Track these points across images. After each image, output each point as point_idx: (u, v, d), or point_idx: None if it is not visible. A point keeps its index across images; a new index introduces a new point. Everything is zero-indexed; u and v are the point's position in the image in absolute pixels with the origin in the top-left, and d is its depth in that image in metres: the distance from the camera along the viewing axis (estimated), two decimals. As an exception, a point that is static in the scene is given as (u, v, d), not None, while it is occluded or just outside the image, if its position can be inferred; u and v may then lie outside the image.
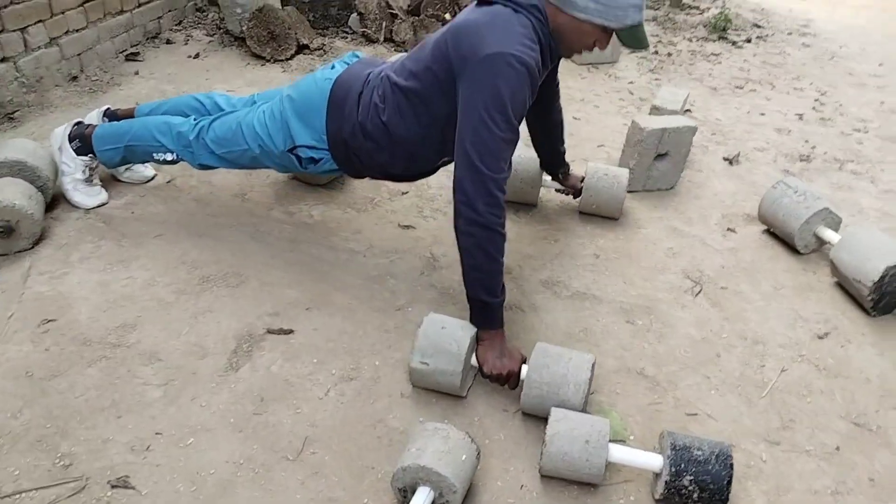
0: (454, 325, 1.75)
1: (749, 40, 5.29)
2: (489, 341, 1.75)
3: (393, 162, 2.00)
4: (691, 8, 6.08)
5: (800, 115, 3.90)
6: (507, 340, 1.80)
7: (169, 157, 2.23)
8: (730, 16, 5.54)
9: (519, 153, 2.47)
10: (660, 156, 2.80)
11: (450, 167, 1.83)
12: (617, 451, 1.54)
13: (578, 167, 2.75)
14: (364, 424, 1.69)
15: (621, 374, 1.91)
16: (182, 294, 2.06)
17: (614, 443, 1.57)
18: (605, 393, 1.84)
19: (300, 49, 4.18)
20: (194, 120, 2.21)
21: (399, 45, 4.42)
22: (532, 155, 2.52)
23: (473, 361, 1.75)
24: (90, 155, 2.33)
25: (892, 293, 2.16)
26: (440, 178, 2.53)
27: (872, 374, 1.98)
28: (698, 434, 1.72)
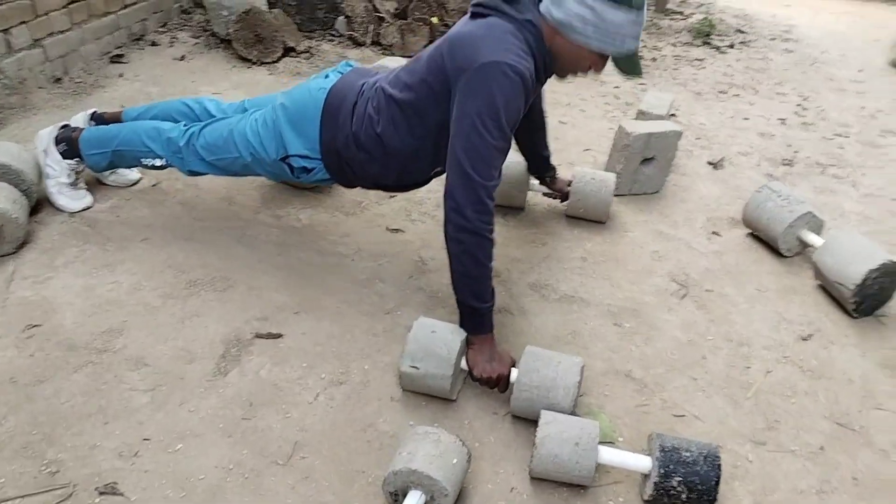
0: (444, 328, 1.75)
1: (732, 46, 5.35)
2: (479, 345, 1.75)
3: (386, 173, 2.00)
4: (675, 13, 6.15)
5: (782, 119, 3.95)
6: (497, 344, 1.81)
7: (158, 162, 2.22)
8: (713, 21, 5.61)
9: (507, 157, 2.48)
10: (646, 160, 2.82)
11: (442, 176, 1.83)
12: (606, 453, 1.55)
13: (565, 171, 2.76)
14: (354, 428, 1.69)
15: (609, 376, 1.93)
16: (169, 298, 2.04)
17: (603, 445, 1.58)
18: (593, 395, 1.86)
19: (287, 52, 4.17)
20: (184, 126, 2.19)
21: (386, 49, 4.42)
22: (519, 158, 2.53)
23: (463, 365, 1.76)
24: (76, 159, 2.31)
25: (873, 296, 2.20)
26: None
27: (855, 375, 2.00)
28: (685, 435, 1.74)
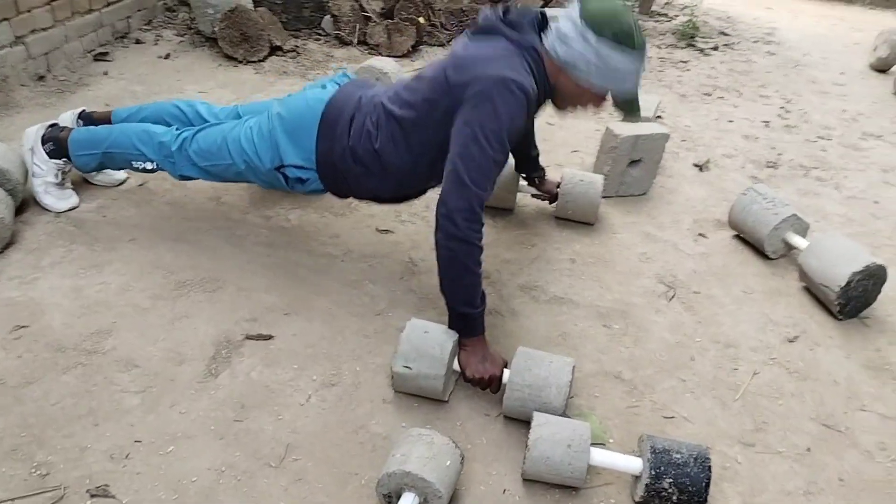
0: (437, 329, 1.76)
1: (716, 48, 5.40)
2: (471, 347, 1.76)
3: (382, 187, 2.01)
4: (660, 15, 6.19)
5: (766, 122, 4.00)
6: (488, 345, 1.81)
7: (149, 165, 2.20)
8: (697, 23, 5.65)
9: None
10: (633, 162, 2.85)
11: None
12: (598, 455, 1.57)
13: (553, 172, 2.77)
14: (346, 430, 1.68)
15: (599, 377, 1.94)
16: (158, 299, 2.03)
17: (594, 446, 1.60)
18: (584, 396, 1.87)
19: (273, 51, 4.15)
20: (176, 130, 2.17)
21: (372, 48, 4.42)
22: (509, 160, 2.53)
23: (455, 366, 1.76)
24: (64, 159, 2.29)
25: (857, 297, 2.23)
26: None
27: (840, 377, 2.04)
28: (675, 437, 1.76)
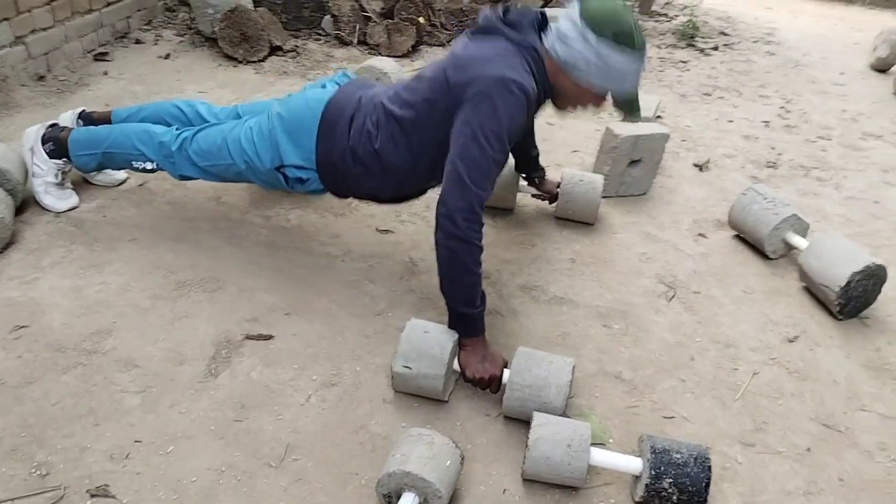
0: (437, 329, 1.76)
1: (716, 48, 5.40)
2: (471, 347, 1.76)
3: (382, 187, 2.02)
4: (660, 15, 6.19)
5: (766, 122, 4.00)
6: (489, 345, 1.81)
7: (149, 165, 2.20)
8: (697, 23, 5.65)
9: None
10: (633, 162, 2.85)
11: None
12: (598, 455, 1.57)
13: (553, 172, 2.77)
14: (346, 430, 1.68)
15: (599, 377, 1.94)
16: (158, 299, 2.03)
17: (594, 446, 1.60)
18: (584, 396, 1.87)
19: (273, 51, 4.15)
20: (176, 130, 2.17)
21: (372, 48, 4.42)
22: (509, 160, 2.53)
23: (455, 366, 1.76)
24: (64, 159, 2.29)
25: (857, 297, 2.23)
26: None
27: (840, 377, 2.04)
28: (675, 437, 1.76)
